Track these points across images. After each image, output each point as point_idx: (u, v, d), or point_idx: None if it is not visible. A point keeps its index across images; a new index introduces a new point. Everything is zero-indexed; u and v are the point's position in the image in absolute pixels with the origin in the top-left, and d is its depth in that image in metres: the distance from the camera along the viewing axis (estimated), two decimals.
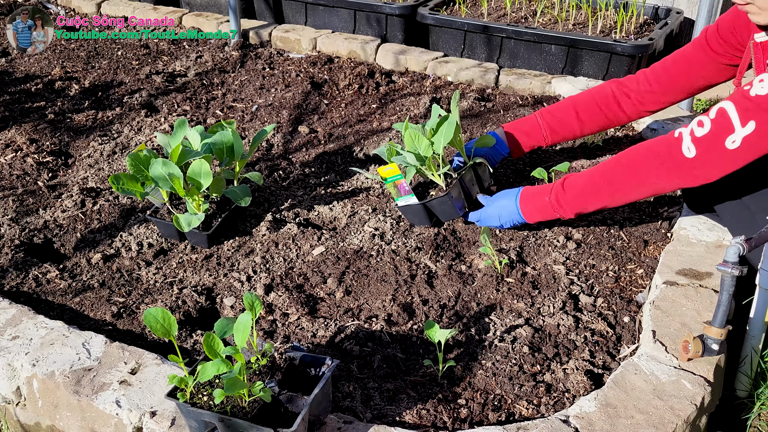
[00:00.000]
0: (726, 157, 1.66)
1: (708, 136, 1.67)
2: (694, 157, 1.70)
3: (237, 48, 3.79)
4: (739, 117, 1.61)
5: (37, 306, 1.98)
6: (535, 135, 2.34)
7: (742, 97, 1.64)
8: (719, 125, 1.65)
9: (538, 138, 2.35)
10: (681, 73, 2.18)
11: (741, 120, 1.61)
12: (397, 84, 3.40)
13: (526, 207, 2.05)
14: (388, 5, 3.68)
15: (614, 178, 1.89)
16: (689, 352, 1.62)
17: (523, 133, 2.34)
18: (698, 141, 1.69)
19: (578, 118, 2.31)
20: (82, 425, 1.64)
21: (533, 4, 3.79)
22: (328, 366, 1.54)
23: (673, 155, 1.74)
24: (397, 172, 2.14)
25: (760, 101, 1.59)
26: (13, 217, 2.39)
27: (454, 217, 2.21)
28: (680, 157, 1.72)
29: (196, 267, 2.16)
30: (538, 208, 2.04)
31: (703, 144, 1.68)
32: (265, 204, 2.44)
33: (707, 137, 1.67)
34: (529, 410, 1.62)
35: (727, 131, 1.64)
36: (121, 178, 2.10)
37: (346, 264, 2.12)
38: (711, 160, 1.68)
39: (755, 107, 1.60)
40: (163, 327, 1.46)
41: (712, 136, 1.66)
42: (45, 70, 3.62)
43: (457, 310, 1.94)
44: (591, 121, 2.32)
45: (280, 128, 3.00)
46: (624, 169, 1.87)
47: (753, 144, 1.62)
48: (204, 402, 1.44)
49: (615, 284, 2.03)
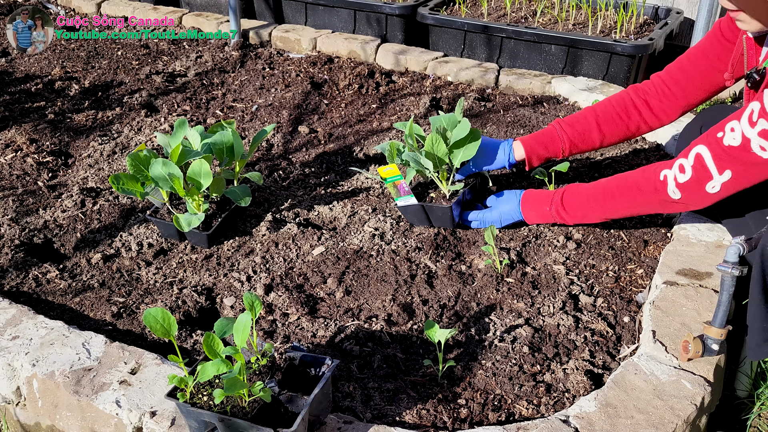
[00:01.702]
0: (708, 198, 1.79)
1: (690, 183, 1.77)
2: (679, 198, 1.82)
3: (237, 48, 3.79)
4: (715, 166, 1.71)
5: (37, 306, 1.98)
6: (553, 148, 2.23)
7: (716, 144, 1.71)
8: (698, 172, 1.75)
9: (555, 151, 2.24)
10: (698, 69, 2.08)
11: (717, 168, 1.71)
12: (397, 84, 3.40)
13: (528, 213, 2.17)
14: (388, 5, 3.68)
15: (606, 203, 2.00)
16: (689, 352, 1.62)
17: (541, 145, 2.23)
18: (682, 186, 1.79)
19: (599, 129, 2.21)
20: (82, 425, 1.64)
21: (533, 4, 3.79)
22: (328, 366, 1.54)
23: (660, 196, 1.85)
24: (397, 172, 2.15)
25: (733, 152, 1.67)
26: (13, 217, 2.39)
27: (447, 226, 2.23)
28: (667, 198, 1.84)
29: (196, 267, 2.16)
30: (540, 216, 2.15)
31: (686, 189, 1.79)
32: (265, 204, 2.44)
33: (689, 183, 1.78)
34: (529, 410, 1.62)
35: (706, 179, 1.74)
36: (121, 178, 2.10)
37: (346, 264, 2.12)
38: (695, 201, 1.82)
39: (728, 158, 1.68)
40: (163, 327, 1.46)
41: (694, 182, 1.77)
42: (45, 70, 3.62)
43: (457, 310, 1.94)
44: (612, 133, 2.22)
45: (280, 128, 3.00)
46: (615, 198, 1.97)
47: (731, 187, 1.73)
48: (204, 402, 1.44)
49: (615, 284, 2.03)
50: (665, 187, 1.83)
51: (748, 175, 1.69)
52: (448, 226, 2.23)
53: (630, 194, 1.94)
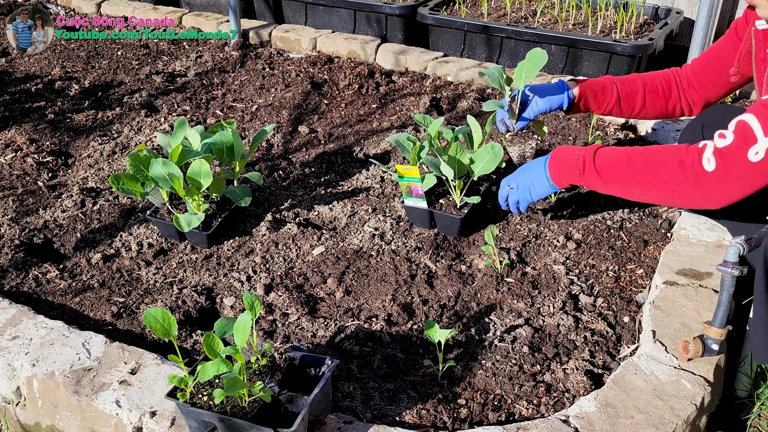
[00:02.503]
0: (747, 171, 1.55)
1: (729, 148, 1.57)
2: (713, 170, 1.59)
3: (237, 48, 3.79)
4: (761, 127, 1.51)
5: (37, 306, 1.98)
6: (602, 97, 2.17)
7: (763, 106, 1.55)
8: (741, 136, 1.55)
9: (603, 101, 2.18)
10: (715, 67, 2.10)
11: (764, 129, 1.51)
12: (397, 84, 3.40)
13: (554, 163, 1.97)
14: (388, 5, 3.68)
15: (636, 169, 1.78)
16: (689, 352, 1.62)
17: (593, 90, 2.17)
18: (719, 152, 1.58)
19: (643, 97, 2.18)
20: (82, 425, 1.64)
21: (533, 4, 3.79)
22: (328, 366, 1.54)
23: (694, 164, 1.63)
24: (416, 175, 2.13)
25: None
26: (13, 217, 2.39)
27: (452, 234, 2.23)
28: (700, 169, 1.62)
29: (196, 267, 2.16)
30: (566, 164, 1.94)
31: (724, 156, 1.57)
32: (265, 204, 2.44)
33: (729, 149, 1.57)
34: (529, 410, 1.62)
35: (749, 142, 1.54)
36: (121, 178, 2.10)
37: (346, 264, 2.12)
38: (731, 175, 1.57)
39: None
40: (163, 327, 1.46)
41: (734, 148, 1.56)
42: (45, 70, 3.62)
43: (457, 310, 1.94)
44: (652, 105, 2.20)
45: (280, 128, 3.00)
46: (647, 166, 1.75)
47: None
48: (204, 402, 1.44)
49: (615, 284, 2.03)
50: (701, 154, 1.61)
51: None
52: (453, 234, 2.23)
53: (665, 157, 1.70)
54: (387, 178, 2.58)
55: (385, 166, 2.55)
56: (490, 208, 2.35)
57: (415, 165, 2.25)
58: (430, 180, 2.24)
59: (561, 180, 1.97)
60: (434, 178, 2.25)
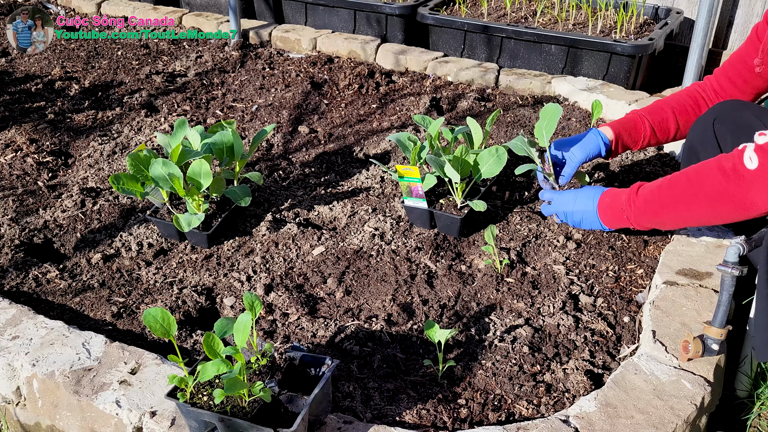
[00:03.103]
0: None
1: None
2: (756, 168, 1.51)
3: (237, 48, 3.79)
4: None
5: (37, 306, 1.98)
6: (635, 135, 2.15)
7: None
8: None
9: (637, 138, 2.16)
10: (738, 70, 2.09)
11: None
12: (397, 84, 3.40)
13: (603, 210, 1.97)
14: (388, 5, 3.68)
15: (677, 189, 1.74)
16: (689, 352, 1.62)
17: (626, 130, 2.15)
18: (761, 149, 1.50)
19: (675, 119, 2.16)
20: (82, 425, 1.64)
21: (533, 4, 3.79)
22: (328, 366, 1.54)
23: (736, 166, 1.56)
24: (416, 175, 2.13)
25: None
26: (13, 217, 2.39)
27: (452, 234, 2.23)
28: (742, 168, 1.55)
29: (196, 267, 2.16)
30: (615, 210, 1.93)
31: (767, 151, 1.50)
32: (265, 204, 2.44)
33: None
34: (529, 410, 1.62)
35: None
36: (122, 178, 2.10)
37: (346, 264, 2.12)
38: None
39: None
40: (163, 327, 1.46)
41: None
42: (45, 70, 3.62)
43: (457, 310, 1.94)
44: (685, 124, 2.15)
45: (280, 128, 3.00)
46: (688, 180, 1.71)
47: None
48: (204, 402, 1.44)
49: (615, 284, 2.03)
50: (741, 156, 1.55)
51: None
52: (453, 234, 2.23)
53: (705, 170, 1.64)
54: (387, 178, 2.58)
55: (385, 166, 2.55)
56: (491, 208, 2.35)
57: (415, 165, 2.26)
58: (431, 180, 2.24)
59: (612, 224, 1.96)
60: (434, 179, 2.25)
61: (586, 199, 2.00)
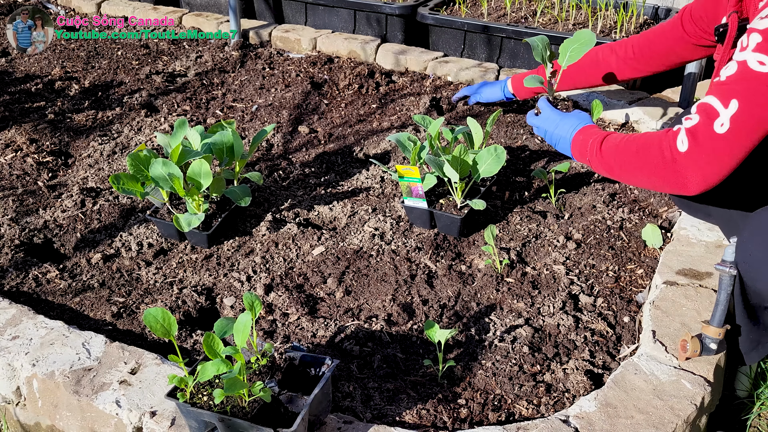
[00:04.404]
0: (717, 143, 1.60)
1: (697, 126, 1.64)
2: (687, 150, 1.65)
3: (237, 48, 3.79)
4: (719, 100, 1.60)
5: (37, 306, 1.98)
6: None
7: (716, 85, 1.64)
8: (704, 113, 1.63)
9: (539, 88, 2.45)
10: (657, 47, 2.31)
11: (722, 102, 1.59)
12: (397, 84, 3.40)
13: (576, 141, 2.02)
14: (388, 5, 3.68)
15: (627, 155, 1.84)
16: (687, 352, 1.62)
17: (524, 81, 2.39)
18: (689, 131, 1.65)
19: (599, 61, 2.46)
20: (82, 425, 1.64)
21: (533, 4, 3.79)
22: (328, 366, 1.54)
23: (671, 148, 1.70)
24: (416, 175, 2.13)
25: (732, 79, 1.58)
26: (13, 217, 2.39)
27: (452, 234, 2.23)
28: (675, 151, 1.68)
29: (196, 267, 2.16)
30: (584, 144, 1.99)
31: (694, 133, 1.64)
32: (265, 204, 2.44)
33: (696, 126, 1.64)
34: (529, 410, 1.62)
35: (711, 117, 1.61)
36: (122, 177, 2.10)
37: (346, 264, 2.12)
38: (704, 151, 1.63)
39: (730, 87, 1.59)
40: (163, 327, 1.46)
41: (700, 125, 1.63)
42: (45, 70, 3.62)
43: (457, 310, 1.94)
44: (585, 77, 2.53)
45: (280, 128, 3.00)
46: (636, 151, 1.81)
47: (741, 123, 1.57)
48: (204, 402, 1.44)
49: (615, 284, 2.03)
50: (676, 136, 1.68)
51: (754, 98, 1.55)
52: (453, 234, 2.23)
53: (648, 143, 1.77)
54: (387, 178, 2.58)
55: (385, 166, 2.55)
56: (490, 208, 2.35)
57: (415, 165, 2.26)
58: (430, 180, 2.24)
59: (579, 160, 2.03)
60: (434, 179, 2.25)
61: (567, 126, 2.06)
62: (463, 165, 2.14)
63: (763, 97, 1.54)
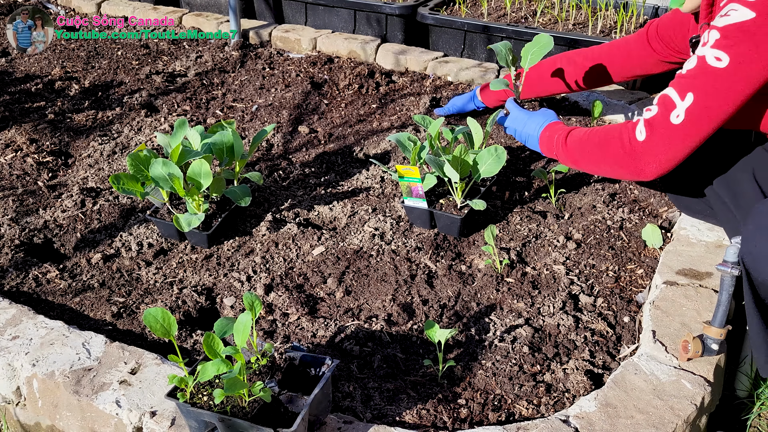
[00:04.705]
0: (675, 133, 1.71)
1: (655, 117, 1.75)
2: (644, 139, 1.76)
3: (237, 48, 3.79)
4: (677, 93, 1.70)
5: (37, 306, 1.98)
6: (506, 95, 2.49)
7: (677, 77, 1.75)
8: (662, 105, 1.74)
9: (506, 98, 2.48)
10: (620, 61, 2.38)
11: (680, 95, 1.69)
12: (397, 84, 3.40)
13: (543, 138, 2.13)
14: (388, 5, 3.68)
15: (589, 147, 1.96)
16: (689, 352, 1.62)
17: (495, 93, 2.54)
18: (647, 122, 1.76)
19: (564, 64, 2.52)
20: (82, 425, 1.64)
21: (533, 4, 3.79)
22: (328, 366, 1.54)
23: (631, 138, 1.81)
24: (416, 175, 2.14)
25: (691, 73, 1.68)
26: (13, 217, 2.39)
27: (452, 234, 2.23)
28: (634, 141, 1.79)
29: (196, 267, 2.16)
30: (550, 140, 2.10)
31: (651, 124, 1.75)
32: (265, 204, 2.44)
33: (654, 117, 1.75)
34: (529, 410, 1.62)
35: (669, 108, 1.72)
36: (122, 177, 2.10)
37: (346, 264, 2.12)
38: (660, 141, 1.74)
39: (688, 80, 1.69)
40: (163, 327, 1.46)
41: (658, 116, 1.74)
42: (45, 70, 3.62)
43: (457, 310, 1.94)
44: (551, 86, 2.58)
45: (280, 128, 3.00)
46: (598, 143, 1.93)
47: (697, 114, 1.67)
48: (204, 402, 1.44)
49: (615, 284, 2.03)
50: (634, 127, 1.81)
51: (708, 93, 1.65)
52: (453, 234, 2.23)
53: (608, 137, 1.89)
54: (387, 178, 2.58)
55: (385, 166, 2.55)
56: (490, 208, 2.35)
57: (415, 165, 2.26)
58: (431, 180, 2.24)
59: (547, 153, 2.13)
60: (434, 179, 2.25)
61: (534, 124, 2.17)
62: (464, 165, 2.14)
63: (716, 91, 1.64)
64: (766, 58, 1.57)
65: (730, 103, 1.64)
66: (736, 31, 1.58)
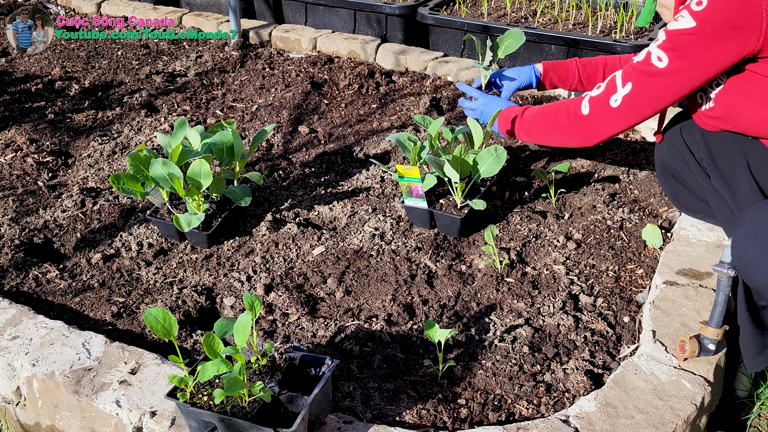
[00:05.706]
0: (611, 114, 1.88)
1: (598, 96, 1.91)
2: (587, 114, 1.94)
3: (237, 48, 3.79)
4: (621, 80, 1.84)
5: (37, 306, 1.98)
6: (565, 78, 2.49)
7: (628, 64, 1.87)
8: (607, 87, 1.89)
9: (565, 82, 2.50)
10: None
11: (622, 82, 1.84)
12: (397, 84, 3.40)
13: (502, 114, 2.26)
14: (388, 5, 3.68)
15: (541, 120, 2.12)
16: (686, 352, 1.62)
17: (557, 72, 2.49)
18: (591, 100, 1.93)
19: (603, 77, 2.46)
20: (82, 425, 1.64)
21: (533, 4, 3.79)
22: (328, 366, 1.54)
23: (576, 111, 1.97)
24: (416, 175, 2.14)
25: (636, 66, 1.81)
26: (13, 217, 2.39)
27: (452, 234, 2.23)
28: (580, 114, 1.96)
29: (196, 267, 2.16)
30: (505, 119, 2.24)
31: (595, 103, 1.92)
32: (265, 204, 2.44)
33: (597, 97, 1.92)
34: (529, 410, 1.62)
35: (611, 92, 1.87)
36: (122, 177, 2.10)
37: (346, 264, 2.12)
38: (599, 118, 1.91)
39: (632, 71, 1.82)
40: (163, 327, 1.46)
41: (601, 96, 1.90)
42: (45, 70, 3.63)
43: (457, 310, 1.94)
44: None
45: (280, 128, 3.00)
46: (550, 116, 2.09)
47: (629, 102, 1.83)
48: (204, 402, 1.44)
49: (615, 284, 2.03)
50: (580, 101, 1.97)
51: (643, 87, 1.79)
52: (453, 234, 2.23)
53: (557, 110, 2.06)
54: (387, 178, 2.58)
55: (385, 166, 2.55)
56: (490, 208, 2.35)
57: (415, 165, 2.26)
58: (431, 180, 2.24)
59: (502, 128, 2.27)
60: (434, 179, 2.25)
61: (495, 107, 2.32)
62: (464, 165, 2.14)
63: (650, 89, 1.78)
64: (698, 66, 1.69)
65: (661, 101, 1.80)
66: (678, 36, 1.69)
